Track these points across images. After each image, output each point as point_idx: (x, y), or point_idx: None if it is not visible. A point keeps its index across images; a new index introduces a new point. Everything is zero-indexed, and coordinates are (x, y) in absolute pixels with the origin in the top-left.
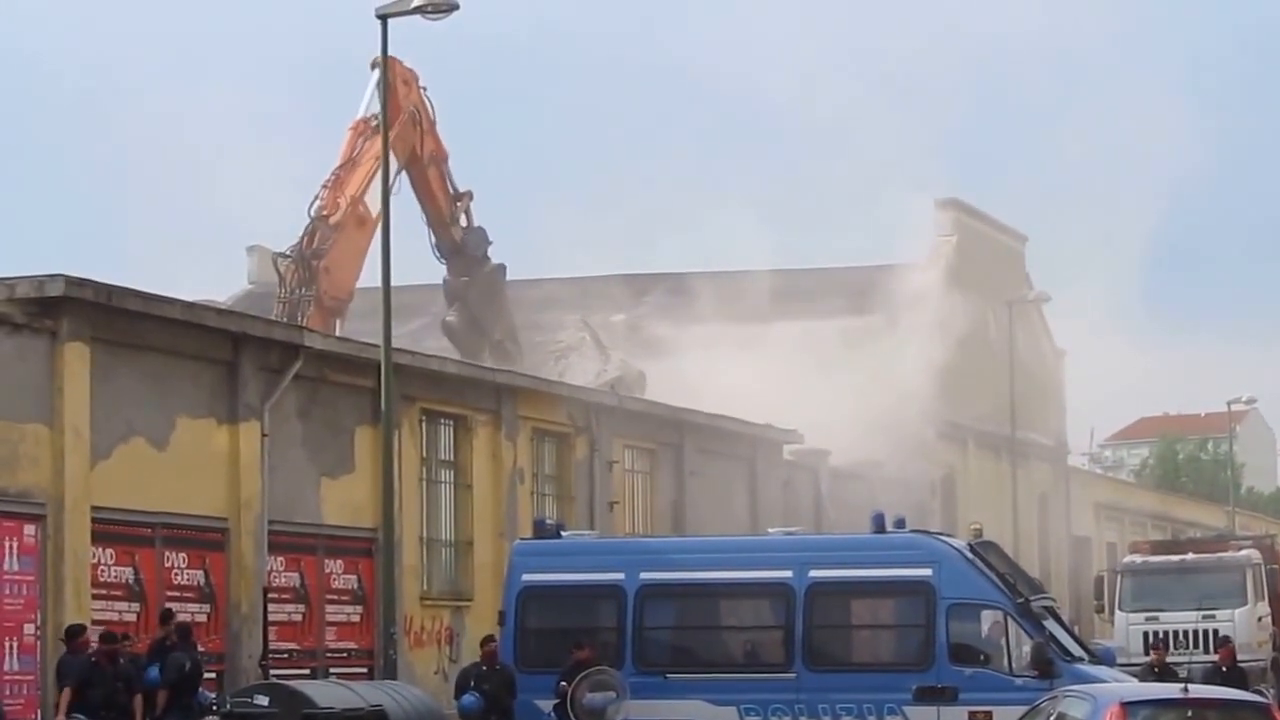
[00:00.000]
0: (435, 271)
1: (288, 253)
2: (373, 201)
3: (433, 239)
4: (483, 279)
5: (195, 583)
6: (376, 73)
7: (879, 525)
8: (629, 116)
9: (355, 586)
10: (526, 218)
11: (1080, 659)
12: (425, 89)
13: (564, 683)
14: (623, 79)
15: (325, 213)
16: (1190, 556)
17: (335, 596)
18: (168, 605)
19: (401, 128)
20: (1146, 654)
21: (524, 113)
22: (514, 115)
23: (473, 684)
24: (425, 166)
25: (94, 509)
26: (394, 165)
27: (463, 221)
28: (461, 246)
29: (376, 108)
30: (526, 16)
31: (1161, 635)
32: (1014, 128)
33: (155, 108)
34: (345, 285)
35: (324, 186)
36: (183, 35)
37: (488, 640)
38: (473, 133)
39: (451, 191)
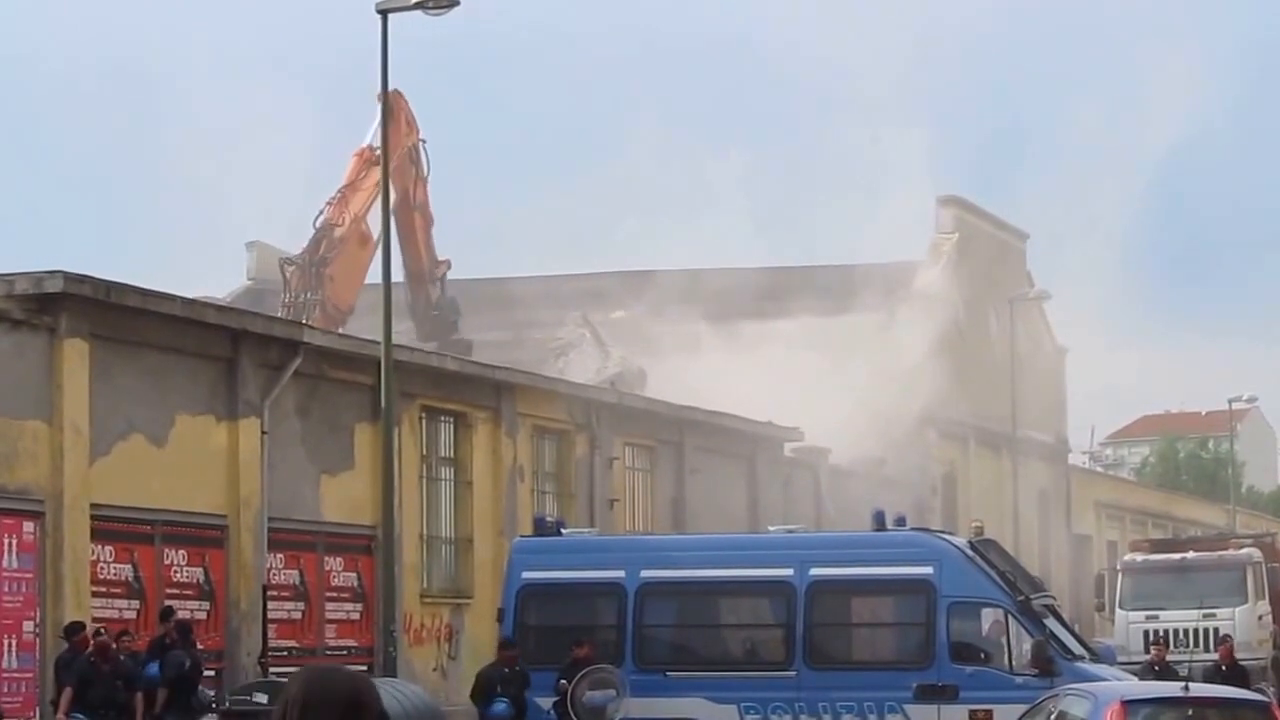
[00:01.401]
0: None
1: (295, 260)
2: (374, 223)
3: (408, 296)
4: (451, 347)
5: (195, 580)
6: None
7: (879, 523)
8: (623, 113)
9: (355, 584)
10: (521, 213)
11: (1081, 657)
12: (425, 141)
13: (564, 680)
14: (616, 74)
15: (332, 223)
16: (1190, 555)
17: (335, 594)
18: (168, 603)
19: (400, 162)
20: (1147, 652)
21: (517, 104)
22: (507, 108)
23: (499, 689)
24: (413, 211)
25: (93, 506)
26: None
27: (436, 289)
28: (435, 309)
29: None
30: (518, 11)
31: (1161, 633)
32: (1015, 124)
33: (155, 104)
34: (346, 298)
35: (328, 203)
36: (183, 31)
37: (512, 644)
38: (459, 131)
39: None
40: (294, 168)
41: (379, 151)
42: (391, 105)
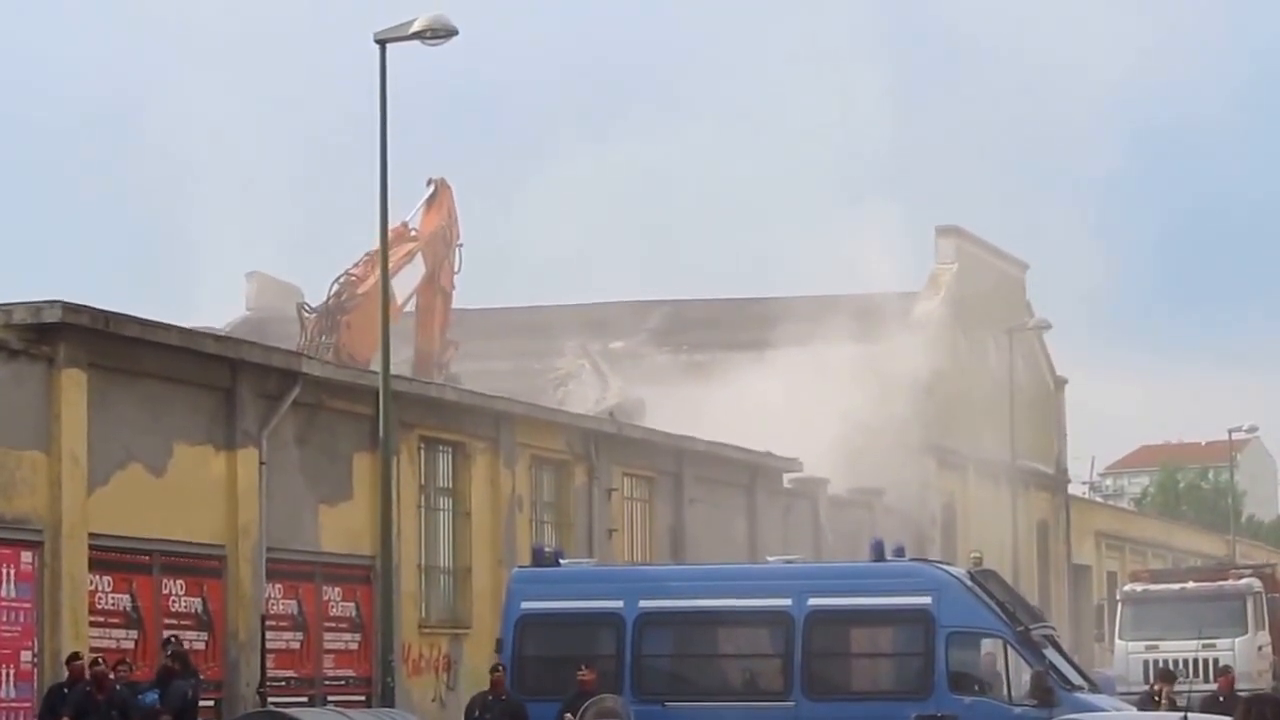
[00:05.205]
0: None
1: (313, 307)
2: (400, 290)
3: (413, 374)
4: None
5: (193, 610)
6: (432, 188)
7: (878, 553)
8: (623, 132)
9: (353, 614)
10: (519, 242)
11: (1080, 688)
12: (462, 245)
13: (568, 713)
14: (611, 87)
15: (359, 278)
16: (1190, 585)
17: (333, 624)
18: (169, 634)
19: (435, 241)
20: (1146, 682)
21: (503, 130)
22: (495, 134)
23: (477, 714)
24: (436, 294)
25: (91, 536)
26: (417, 274)
27: (441, 373)
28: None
29: (419, 222)
30: (520, 31)
31: (1165, 664)
32: (1013, 153)
33: (153, 134)
34: (362, 351)
35: (355, 264)
36: (184, 58)
37: (495, 669)
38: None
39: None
40: (293, 198)
41: (414, 230)
42: (438, 191)
